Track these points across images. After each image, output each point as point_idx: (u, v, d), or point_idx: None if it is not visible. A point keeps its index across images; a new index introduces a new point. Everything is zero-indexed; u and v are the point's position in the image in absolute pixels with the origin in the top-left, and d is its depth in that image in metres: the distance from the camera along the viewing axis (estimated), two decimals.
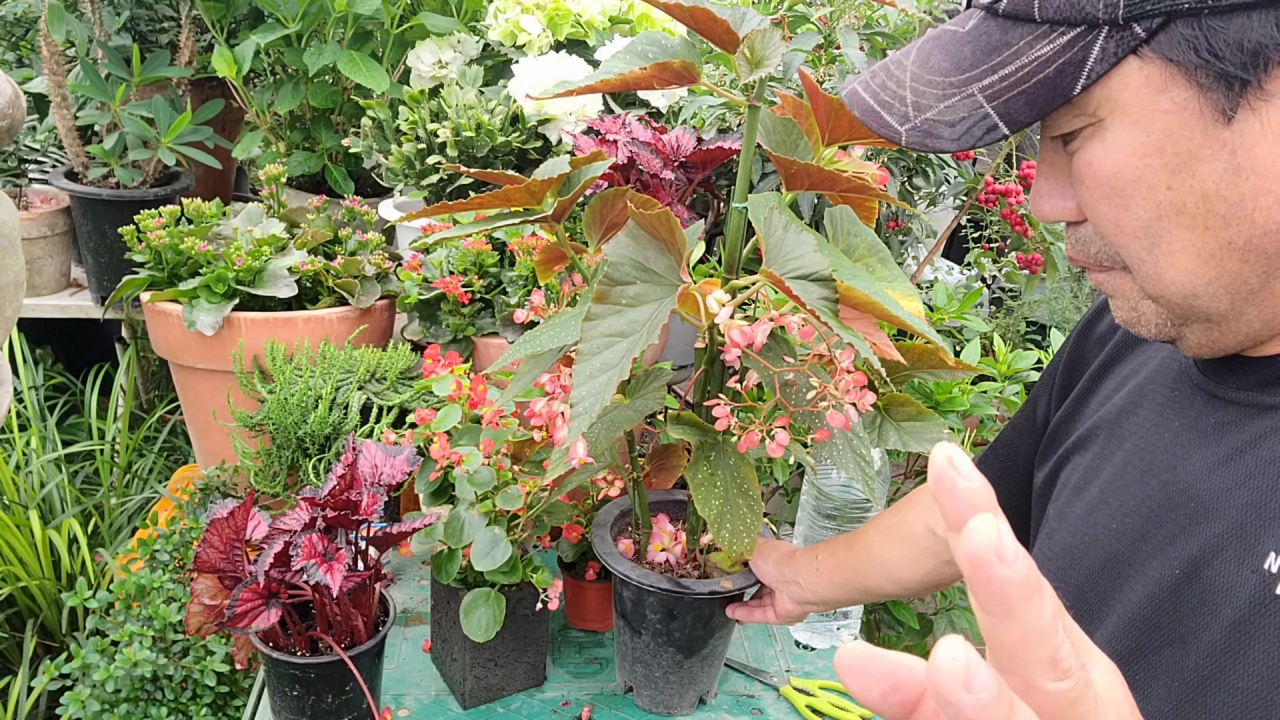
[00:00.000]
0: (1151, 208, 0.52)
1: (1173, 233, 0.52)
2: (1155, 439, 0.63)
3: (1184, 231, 0.51)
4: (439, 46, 1.90)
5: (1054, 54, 0.48)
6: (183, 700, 1.32)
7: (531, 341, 0.97)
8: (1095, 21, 0.47)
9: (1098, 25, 0.47)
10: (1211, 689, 0.54)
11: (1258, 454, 0.55)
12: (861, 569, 1.08)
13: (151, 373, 2.42)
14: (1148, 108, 0.49)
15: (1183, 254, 0.52)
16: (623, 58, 0.95)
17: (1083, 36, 0.48)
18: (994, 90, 0.50)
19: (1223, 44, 0.45)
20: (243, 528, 1.02)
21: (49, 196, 2.11)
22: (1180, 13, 0.46)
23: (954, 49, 0.52)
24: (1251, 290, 0.53)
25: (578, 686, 1.25)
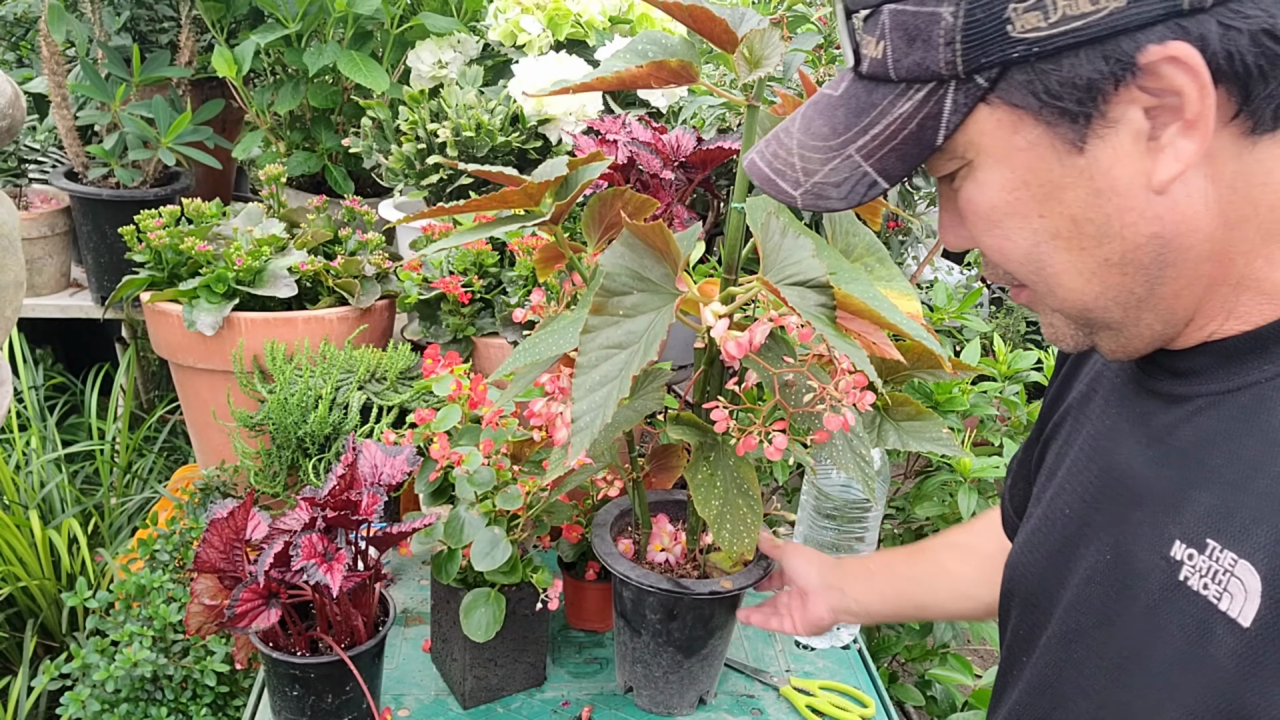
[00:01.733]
0: (1029, 235, 0.55)
1: (1054, 256, 0.55)
2: (1101, 426, 0.66)
3: (1063, 254, 0.55)
4: (439, 46, 1.90)
5: (914, 110, 0.52)
6: (183, 700, 1.32)
7: (530, 350, 0.97)
8: (942, 77, 0.51)
9: (945, 80, 0.51)
10: (1131, 670, 0.57)
11: (1169, 443, 0.58)
12: (926, 582, 1.04)
13: (151, 373, 2.43)
14: (1006, 147, 0.52)
15: (1067, 274, 0.56)
16: (622, 57, 0.95)
17: (935, 92, 0.52)
18: (868, 150, 0.54)
19: (1057, 84, 0.49)
20: (243, 528, 1.02)
21: (49, 196, 2.11)
22: (1013, 61, 0.49)
23: (830, 113, 0.56)
24: (1139, 299, 0.56)
25: (578, 686, 1.25)
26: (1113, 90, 0.48)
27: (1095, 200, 0.52)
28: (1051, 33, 0.48)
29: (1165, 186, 0.51)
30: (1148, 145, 0.50)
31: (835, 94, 0.56)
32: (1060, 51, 0.48)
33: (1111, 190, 0.52)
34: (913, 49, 0.51)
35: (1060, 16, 0.47)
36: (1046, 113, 0.50)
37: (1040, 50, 0.48)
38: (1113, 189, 0.51)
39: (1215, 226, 0.52)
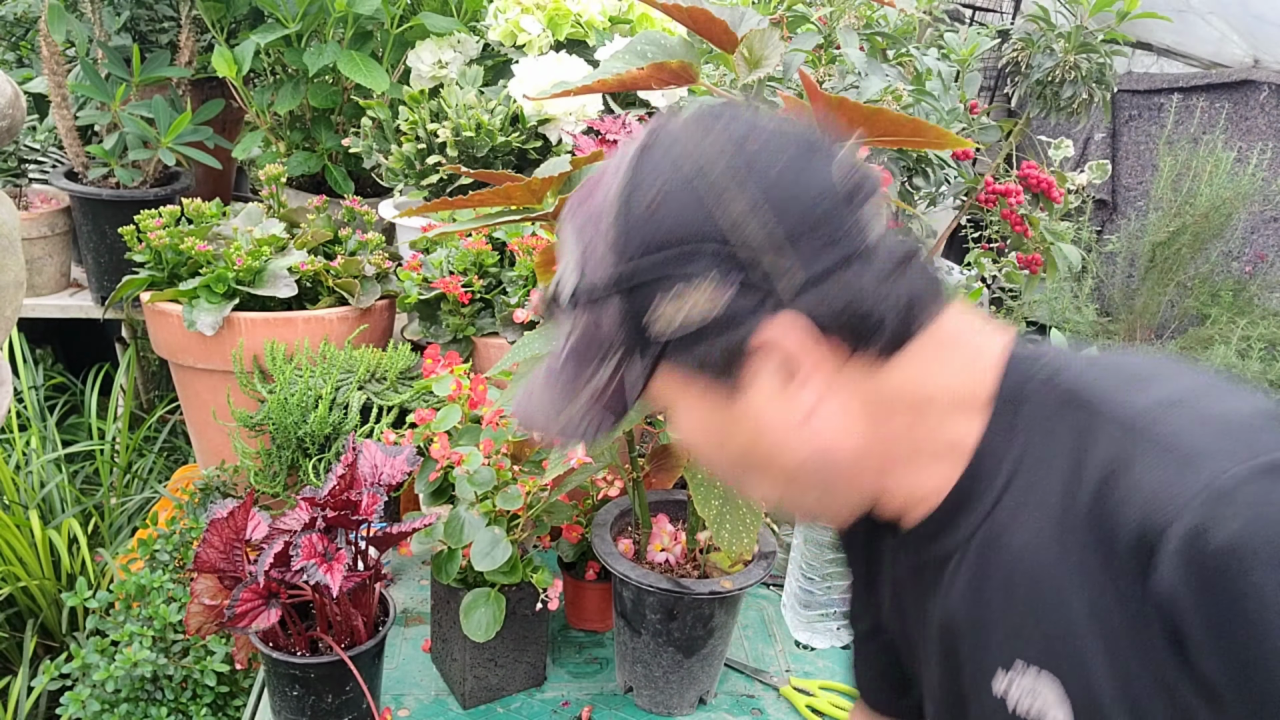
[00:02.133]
0: (723, 461, 0.69)
1: (746, 474, 0.69)
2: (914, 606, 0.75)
3: (749, 473, 0.69)
4: (439, 46, 1.90)
5: (613, 372, 0.66)
6: (183, 700, 1.32)
7: (530, 345, 0.97)
8: (620, 350, 0.64)
9: (621, 354, 0.65)
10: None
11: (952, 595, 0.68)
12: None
13: (151, 373, 2.43)
14: (683, 399, 0.66)
15: (757, 486, 0.70)
16: (622, 58, 0.95)
17: (622, 360, 0.65)
18: (590, 401, 0.67)
19: (704, 358, 0.62)
20: (243, 528, 1.02)
21: (49, 196, 2.11)
22: (669, 343, 0.62)
23: (560, 373, 0.68)
24: (820, 495, 0.69)
25: (578, 686, 1.25)
26: (746, 355, 0.61)
27: (757, 436, 0.65)
28: (689, 320, 0.61)
29: (808, 419, 0.64)
30: (785, 391, 0.63)
31: (561, 358, 0.69)
32: (703, 332, 0.61)
33: (767, 427, 0.64)
34: (599, 331, 0.65)
35: (691, 310, 0.61)
36: (703, 377, 0.64)
37: (686, 331, 0.62)
38: (768, 426, 0.64)
39: (863, 433, 0.65)
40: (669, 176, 0.61)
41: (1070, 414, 0.60)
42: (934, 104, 1.60)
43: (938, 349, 0.65)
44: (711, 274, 0.60)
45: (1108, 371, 0.62)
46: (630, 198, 0.62)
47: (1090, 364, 0.63)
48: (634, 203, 0.62)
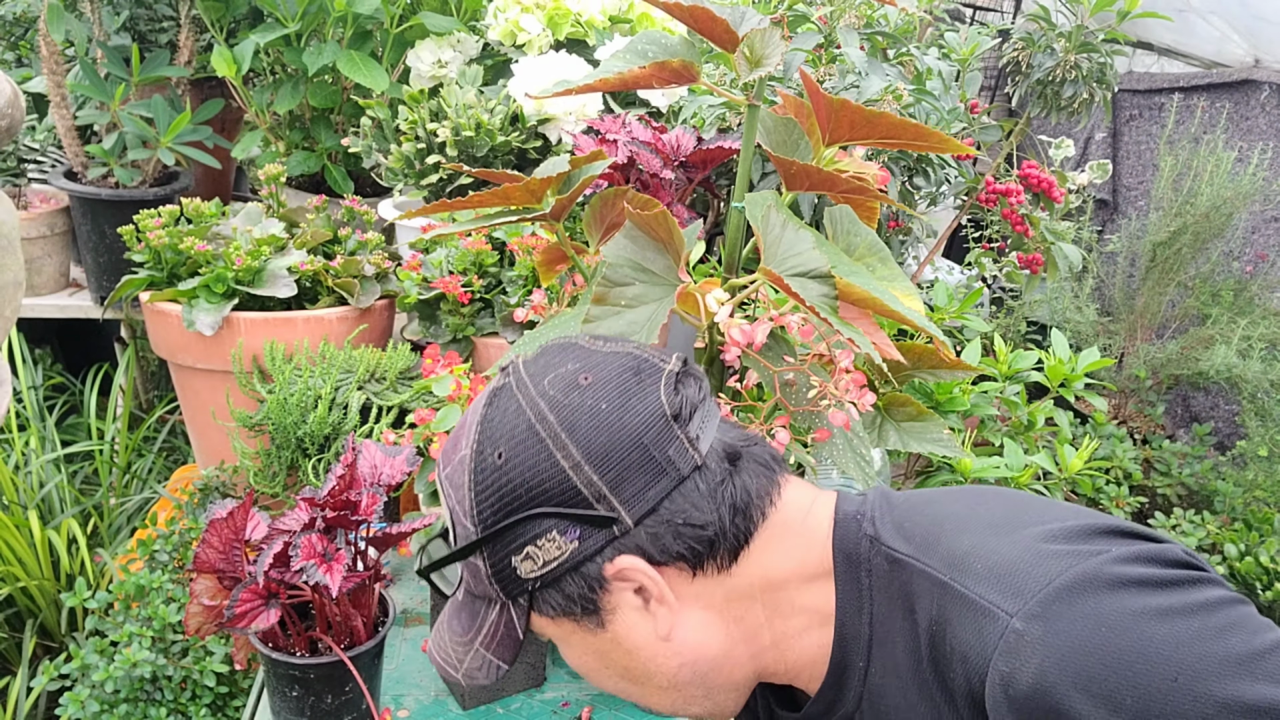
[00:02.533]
0: (606, 679, 0.75)
1: (628, 689, 0.75)
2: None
3: (632, 687, 0.74)
4: (439, 46, 1.90)
5: (498, 617, 0.72)
6: (182, 701, 1.32)
7: (530, 343, 0.97)
8: (500, 599, 0.71)
9: (503, 601, 0.71)
10: None
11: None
12: None
13: (151, 373, 2.42)
14: (559, 633, 0.72)
15: (642, 699, 0.75)
16: (622, 57, 0.95)
17: (503, 607, 0.71)
18: (485, 643, 0.73)
19: (565, 598, 0.69)
20: (242, 528, 1.02)
21: (48, 196, 2.11)
22: (534, 589, 0.69)
23: (458, 615, 0.75)
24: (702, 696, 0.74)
25: (578, 687, 1.25)
26: (601, 592, 0.68)
27: (630, 656, 0.71)
28: (543, 571, 0.68)
29: (669, 634, 0.70)
30: (644, 613, 0.69)
31: (459, 600, 0.75)
32: (557, 579, 0.68)
33: (636, 648, 0.71)
34: (477, 583, 0.71)
35: (542, 563, 0.67)
36: (570, 614, 0.70)
37: (544, 581, 0.69)
38: (636, 647, 0.71)
39: (724, 634, 0.71)
40: (510, 433, 0.67)
41: (897, 575, 0.67)
42: (934, 104, 1.59)
43: (776, 536, 0.70)
44: (554, 529, 0.66)
45: (914, 524, 0.68)
46: (480, 457, 0.68)
47: (900, 518, 0.70)
48: (482, 464, 0.68)
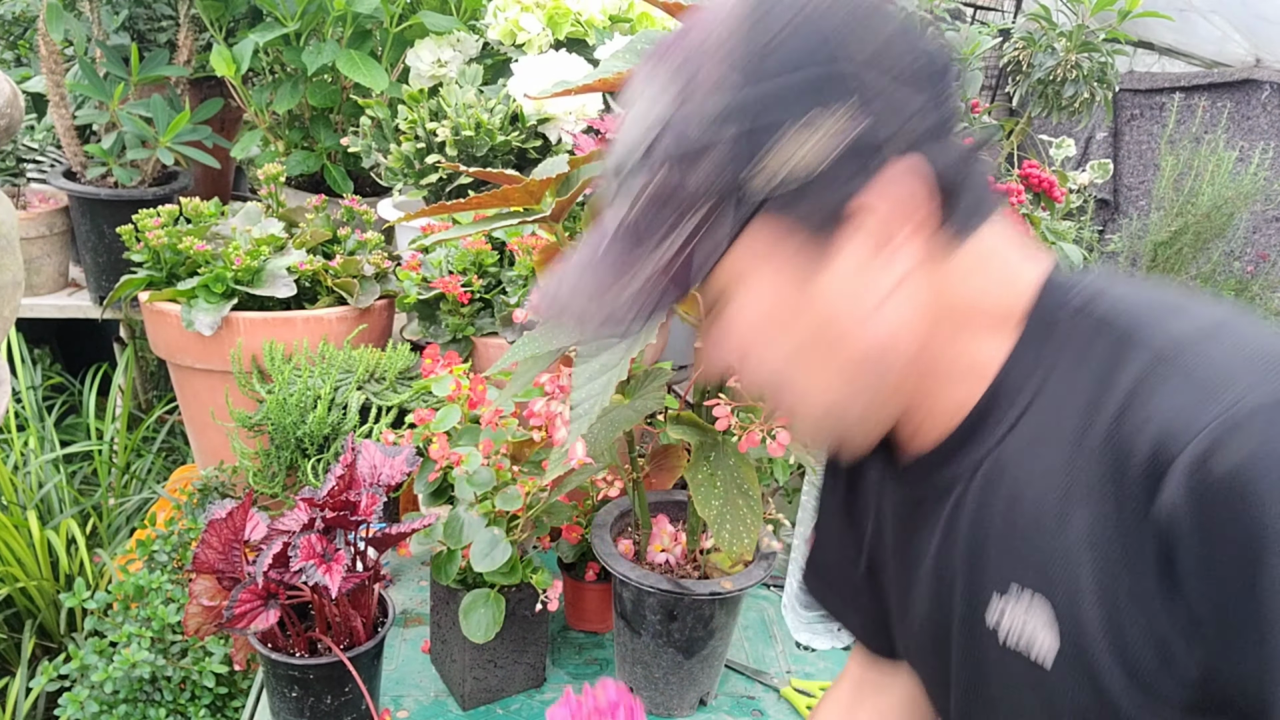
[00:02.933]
0: (780, 352, 0.63)
1: (798, 368, 0.63)
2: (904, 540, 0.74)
3: (806, 366, 0.63)
4: (438, 45, 1.90)
5: (685, 243, 0.59)
6: (181, 701, 1.32)
7: (530, 344, 0.96)
8: (701, 210, 0.58)
9: (706, 213, 0.58)
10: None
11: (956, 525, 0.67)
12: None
13: (150, 373, 2.42)
14: (760, 272, 0.60)
15: (810, 384, 0.64)
16: (622, 56, 0.95)
17: (699, 226, 0.58)
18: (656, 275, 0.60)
19: (797, 216, 0.57)
20: (241, 528, 1.02)
21: (47, 196, 2.10)
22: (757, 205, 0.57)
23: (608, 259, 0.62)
24: (869, 400, 0.65)
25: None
26: (847, 216, 0.57)
27: (828, 318, 0.61)
28: (801, 172, 0.56)
29: (881, 305, 0.60)
30: (873, 262, 0.59)
31: (609, 237, 0.62)
32: (811, 184, 0.56)
33: (841, 307, 0.60)
34: (683, 187, 0.58)
35: (810, 155, 0.55)
36: (797, 235, 0.58)
37: (793, 183, 0.56)
38: (842, 306, 0.60)
39: (919, 334, 0.62)
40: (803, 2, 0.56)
41: (1102, 340, 0.58)
42: None
43: (985, 258, 0.63)
44: (847, 103, 0.54)
45: (1146, 299, 0.60)
46: (763, 17, 0.56)
47: (1128, 291, 0.61)
48: (769, 20, 0.56)
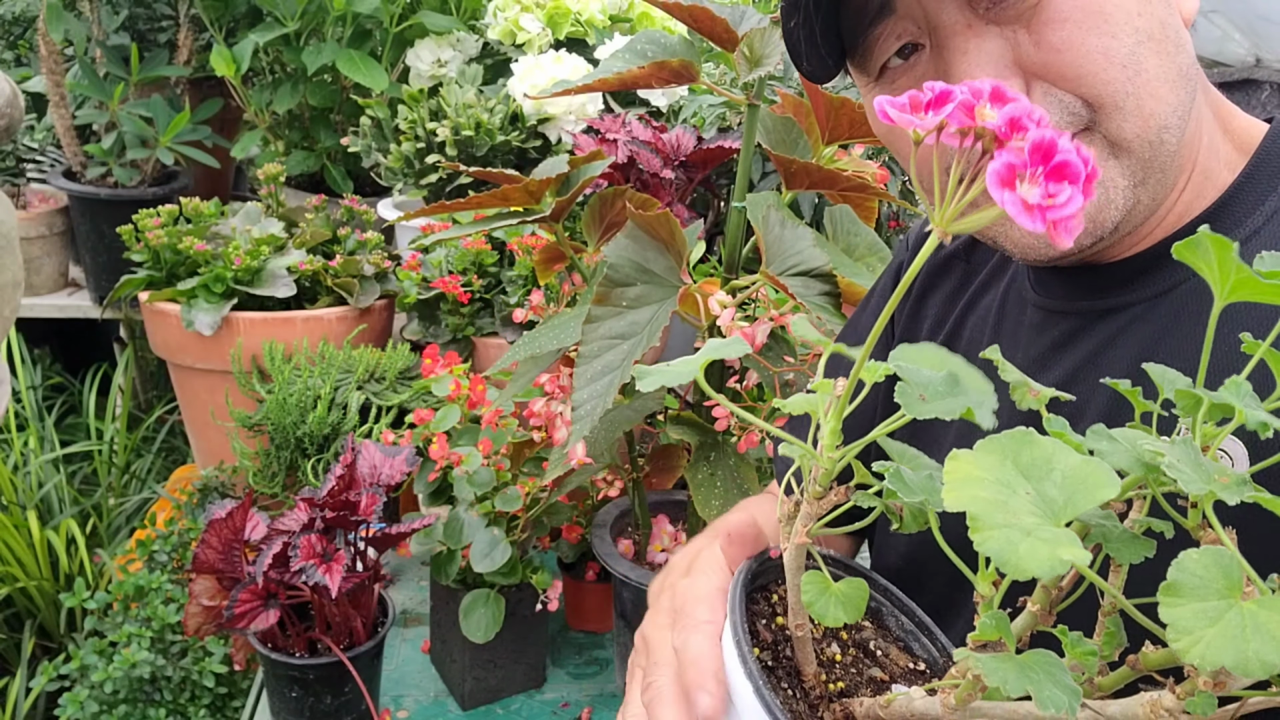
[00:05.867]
0: (1131, 34, 0.55)
1: (1148, 59, 0.56)
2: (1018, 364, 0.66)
3: (1154, 58, 0.56)
4: (438, 45, 1.90)
5: None
6: (181, 701, 1.32)
7: (531, 343, 0.96)
8: None
9: None
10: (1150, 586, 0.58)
11: (1110, 356, 0.60)
12: None
13: (150, 373, 2.42)
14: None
15: (1157, 80, 0.56)
16: (622, 56, 0.95)
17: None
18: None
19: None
20: (241, 528, 1.02)
21: (47, 196, 2.10)
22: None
23: None
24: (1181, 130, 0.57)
25: (577, 687, 1.25)
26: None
27: (1168, 6, 0.56)
28: None
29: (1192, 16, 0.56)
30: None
31: None
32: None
33: (1172, 20, 0.56)
34: None
35: None
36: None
37: None
38: (1173, 19, 0.55)
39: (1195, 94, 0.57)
40: None
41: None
42: None
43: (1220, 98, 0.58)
44: None
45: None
46: None
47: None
48: None
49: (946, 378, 0.42)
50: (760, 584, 0.56)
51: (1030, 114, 0.34)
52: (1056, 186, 0.32)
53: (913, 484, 0.43)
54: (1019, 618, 0.42)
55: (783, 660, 0.51)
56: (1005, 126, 0.34)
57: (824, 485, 0.45)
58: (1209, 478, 0.35)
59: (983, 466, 0.35)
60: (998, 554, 0.32)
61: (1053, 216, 0.32)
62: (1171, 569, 0.33)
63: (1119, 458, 0.38)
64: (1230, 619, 0.32)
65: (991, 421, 0.40)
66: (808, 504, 0.46)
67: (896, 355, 0.44)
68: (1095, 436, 0.39)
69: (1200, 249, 0.37)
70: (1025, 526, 0.33)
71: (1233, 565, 0.33)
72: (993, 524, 0.33)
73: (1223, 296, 0.38)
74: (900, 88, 0.60)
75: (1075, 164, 0.33)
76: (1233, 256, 0.36)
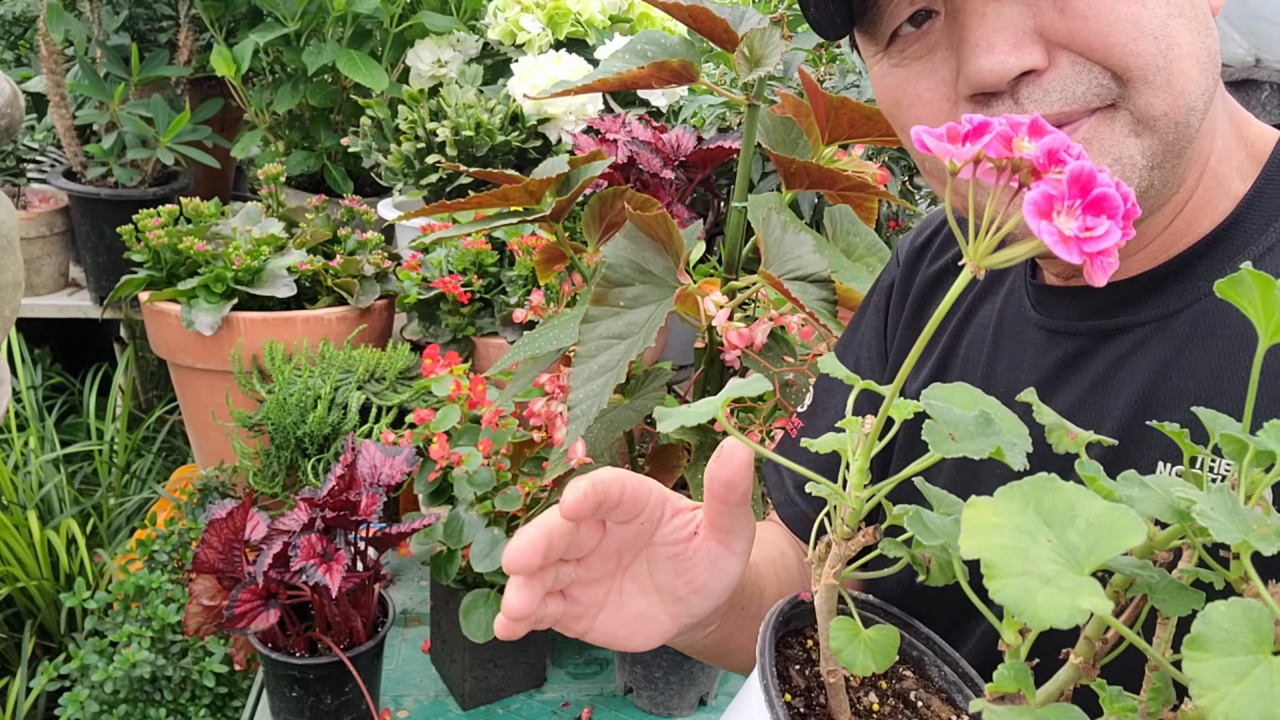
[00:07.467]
0: (1163, 4, 0.53)
1: (1180, 33, 0.53)
2: (1010, 386, 0.64)
3: (1186, 34, 0.53)
4: (438, 45, 1.90)
5: None
6: (181, 701, 1.32)
7: (530, 344, 0.96)
8: None
9: None
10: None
11: (1120, 378, 0.58)
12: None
13: (150, 373, 2.42)
14: None
15: (1188, 56, 0.53)
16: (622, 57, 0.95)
17: None
18: None
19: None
20: (241, 528, 1.02)
21: (47, 196, 2.10)
22: None
23: None
24: (1204, 120, 0.55)
25: (578, 687, 1.25)
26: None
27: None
28: None
29: (1218, 8, 0.54)
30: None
31: None
32: None
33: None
34: None
35: None
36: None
37: None
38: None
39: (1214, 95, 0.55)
40: None
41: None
42: None
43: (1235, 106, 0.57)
44: None
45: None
46: None
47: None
48: None
49: (978, 417, 0.41)
50: (795, 627, 0.54)
51: (1068, 148, 0.34)
52: (1095, 220, 0.32)
53: (934, 527, 0.42)
54: (1061, 670, 0.40)
55: (815, 708, 0.49)
56: (1043, 158, 0.33)
57: (852, 526, 0.44)
58: (1247, 527, 0.34)
59: (1002, 513, 0.34)
60: (1014, 603, 0.31)
61: (1089, 249, 0.32)
62: (1197, 621, 0.32)
63: (1150, 504, 0.37)
64: (1258, 675, 0.30)
65: (1022, 463, 0.39)
66: (836, 545, 0.45)
67: (929, 394, 0.43)
68: (1126, 483, 0.38)
69: (1243, 287, 0.36)
70: (1044, 574, 0.32)
71: (1263, 618, 0.32)
72: (1010, 571, 0.32)
73: (1268, 336, 0.36)
74: (910, 56, 0.58)
75: (1114, 197, 0.32)
76: (1277, 294, 0.35)
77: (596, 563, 0.60)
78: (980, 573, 0.33)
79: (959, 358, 0.68)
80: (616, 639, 0.61)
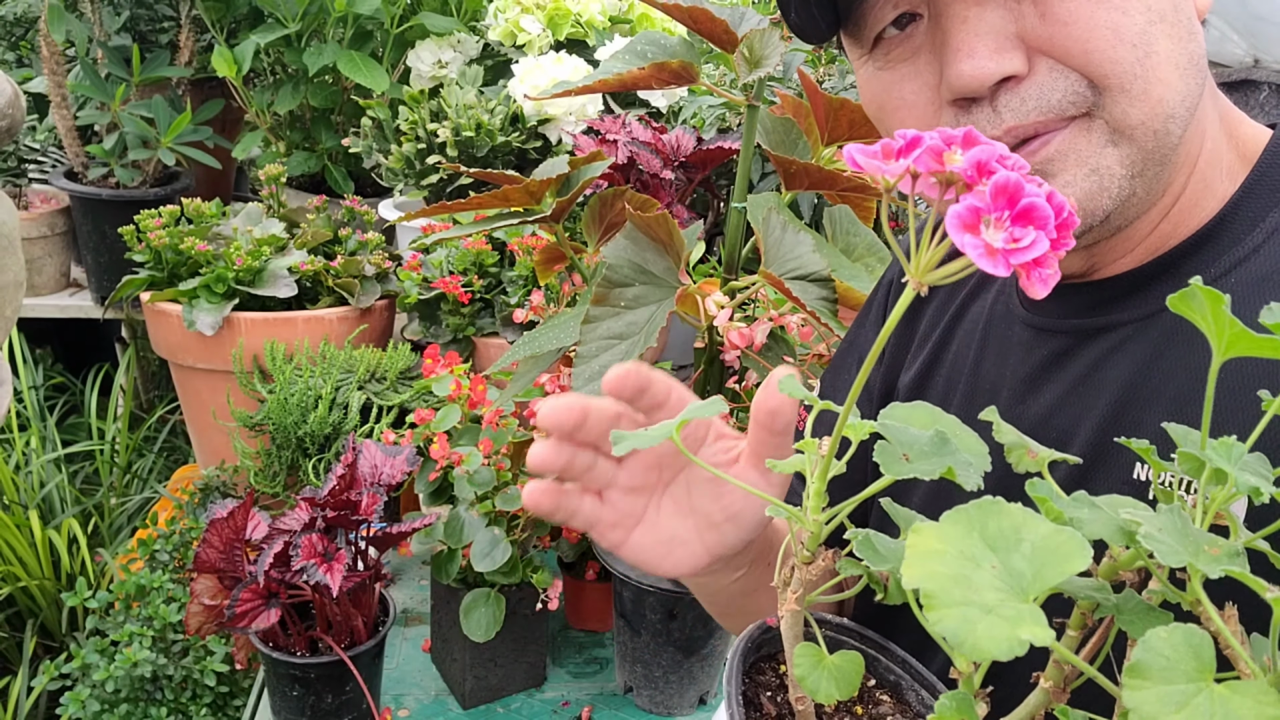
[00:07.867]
0: (1143, 11, 0.53)
1: (1159, 40, 0.53)
2: (995, 383, 0.65)
3: (1166, 40, 0.53)
4: (439, 46, 1.90)
5: None
6: (182, 700, 1.32)
7: (531, 343, 0.97)
8: None
9: None
10: None
11: (1101, 376, 0.58)
12: None
13: (151, 373, 2.42)
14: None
15: (1167, 63, 0.53)
16: (622, 58, 0.95)
17: None
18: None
19: None
20: (242, 528, 1.02)
21: (49, 196, 2.11)
22: None
23: None
24: (1188, 125, 0.55)
25: (578, 686, 1.25)
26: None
27: (1180, 3, 0.53)
28: None
29: (1205, 10, 0.54)
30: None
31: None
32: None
33: (1184, 2, 0.53)
34: None
35: None
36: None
37: None
38: (1185, 2, 0.53)
39: (1202, 98, 0.55)
40: None
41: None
42: None
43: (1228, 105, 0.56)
44: None
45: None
46: None
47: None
48: None
49: (934, 436, 0.40)
50: (768, 652, 0.53)
51: (1000, 158, 0.33)
52: (1022, 230, 0.31)
53: (885, 551, 0.41)
54: (1031, 695, 0.39)
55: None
56: (972, 170, 0.33)
57: (811, 549, 0.43)
58: (1196, 549, 0.33)
59: (947, 539, 0.33)
60: (953, 635, 0.30)
61: (1016, 260, 0.31)
62: (1138, 648, 0.31)
63: (1099, 526, 0.36)
64: (1198, 704, 0.29)
65: (976, 483, 0.39)
66: (798, 569, 0.44)
67: (886, 414, 0.42)
68: (1076, 504, 0.37)
69: (1194, 301, 0.36)
70: (986, 604, 0.30)
71: (1205, 645, 0.31)
72: (949, 602, 0.31)
73: (1220, 352, 0.36)
74: (895, 59, 0.58)
75: (1043, 207, 0.32)
76: (1225, 310, 0.34)
77: (637, 469, 0.58)
78: None
79: (949, 354, 0.69)
80: (650, 558, 0.60)
